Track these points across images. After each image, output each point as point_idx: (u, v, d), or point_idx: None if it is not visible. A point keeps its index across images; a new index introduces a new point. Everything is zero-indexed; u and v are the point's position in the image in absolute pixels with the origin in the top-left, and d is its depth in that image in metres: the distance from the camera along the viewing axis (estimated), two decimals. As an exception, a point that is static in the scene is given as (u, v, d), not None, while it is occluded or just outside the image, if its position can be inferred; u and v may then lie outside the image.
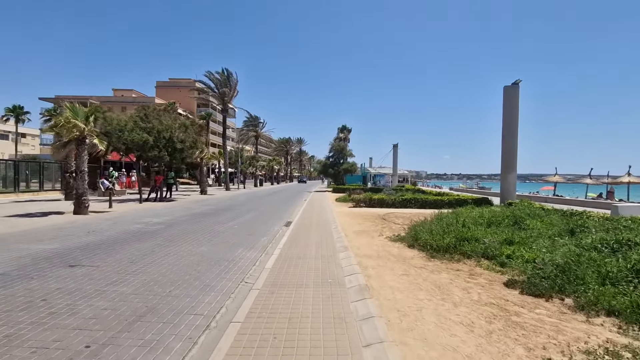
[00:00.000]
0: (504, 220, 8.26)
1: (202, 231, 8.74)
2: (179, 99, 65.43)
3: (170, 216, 11.51)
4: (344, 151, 37.21)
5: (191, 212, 12.89)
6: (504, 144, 16.27)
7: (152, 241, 7.25)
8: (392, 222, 10.59)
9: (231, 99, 29.98)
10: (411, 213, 13.12)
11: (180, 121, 18.46)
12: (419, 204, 15.72)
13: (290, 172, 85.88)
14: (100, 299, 3.91)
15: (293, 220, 11.52)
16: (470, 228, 7.13)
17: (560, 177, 25.98)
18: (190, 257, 6.03)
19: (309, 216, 12.49)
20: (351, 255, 6.12)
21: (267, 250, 6.85)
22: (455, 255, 6.05)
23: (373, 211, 14.09)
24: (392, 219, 11.27)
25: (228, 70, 28.95)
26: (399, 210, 14.73)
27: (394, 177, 40.51)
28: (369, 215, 12.63)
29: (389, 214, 12.60)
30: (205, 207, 15.14)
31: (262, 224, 10.59)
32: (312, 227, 9.84)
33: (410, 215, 12.06)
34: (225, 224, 10.14)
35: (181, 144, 16.97)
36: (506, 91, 16.46)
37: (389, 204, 15.78)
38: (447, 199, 15.72)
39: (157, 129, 16.71)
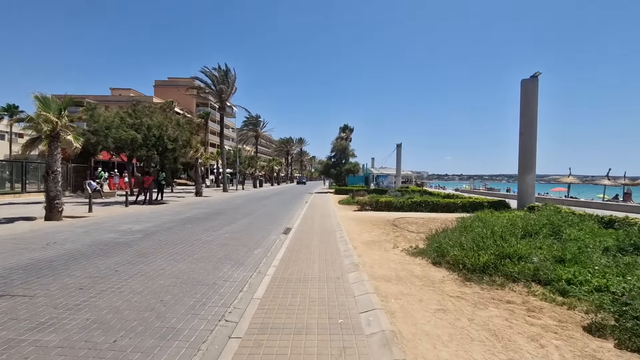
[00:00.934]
0: (541, 229, 6.98)
1: (186, 241, 7.48)
2: (178, 99, 64.28)
3: (154, 222, 10.25)
4: (346, 151, 35.95)
5: (179, 217, 11.64)
6: (522, 141, 15.00)
7: (120, 256, 5.99)
8: (405, 230, 9.31)
9: (229, 96, 28.75)
10: (423, 218, 11.84)
11: (173, 118, 17.24)
12: (429, 207, 14.44)
13: (291, 173, 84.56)
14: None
15: (293, 226, 10.27)
16: (508, 241, 5.85)
17: (574, 177, 24.66)
18: (161, 279, 4.77)
19: (311, 222, 11.23)
20: (364, 277, 4.85)
21: (259, 268, 5.59)
22: (496, 277, 4.78)
23: (380, 215, 12.81)
24: (404, 226, 9.99)
25: (226, 66, 27.77)
26: (409, 214, 13.44)
27: (397, 177, 39.25)
28: (376, 220, 11.36)
29: (399, 219, 11.32)
30: (196, 210, 13.89)
31: (257, 231, 9.33)
32: (314, 235, 8.58)
33: (423, 221, 10.78)
34: (214, 232, 8.88)
35: (173, 143, 15.74)
36: (524, 85, 15.19)
37: (397, 207, 14.50)
38: (461, 201, 14.44)
39: (146, 125, 15.50)
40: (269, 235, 8.80)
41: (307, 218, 12.22)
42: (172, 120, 16.73)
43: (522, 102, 15.24)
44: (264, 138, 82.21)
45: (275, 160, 56.92)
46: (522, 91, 15.25)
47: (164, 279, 4.80)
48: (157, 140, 15.24)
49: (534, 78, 14.96)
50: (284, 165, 68.44)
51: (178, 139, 16.00)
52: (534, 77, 14.96)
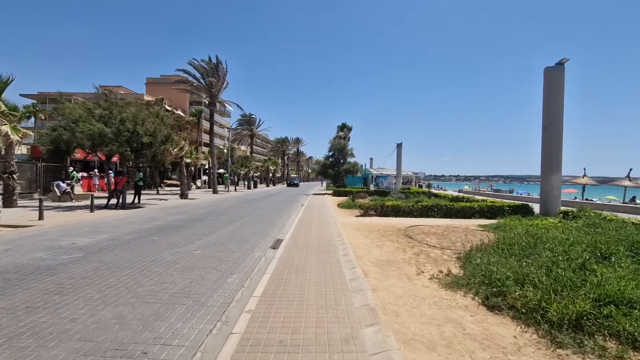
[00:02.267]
0: (617, 248, 5.15)
1: (138, 264, 5.58)
2: (170, 97, 62.06)
3: (112, 233, 8.32)
4: (344, 150, 34.11)
5: (148, 226, 9.71)
6: (545, 136, 13.22)
7: (21, 294, 4.08)
8: (423, 243, 7.46)
9: (220, 91, 26.78)
10: (440, 226, 10.01)
11: (152, 110, 15.29)
12: (442, 212, 12.62)
13: (288, 174, 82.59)
14: None
15: (285, 237, 8.41)
16: (592, 270, 4.00)
17: (590, 178, 23.00)
18: (49, 350, 2.87)
19: (306, 230, 9.36)
20: (391, 342, 2.99)
21: (227, 312, 3.72)
22: (602, 339, 2.94)
23: (388, 223, 10.96)
24: (420, 237, 8.15)
25: (217, 59, 25.78)
26: (421, 221, 11.60)
27: (397, 178, 37.43)
28: (385, 228, 9.51)
29: (411, 228, 9.48)
30: (174, 216, 11.96)
31: (239, 244, 7.45)
32: (310, 251, 6.71)
33: (441, 231, 8.94)
34: (184, 247, 6.98)
35: (149, 138, 13.77)
36: (548, 74, 13.43)
37: (406, 212, 12.66)
38: (478, 206, 12.64)
39: (118, 118, 13.55)
40: (253, 250, 6.92)
41: (303, 225, 10.34)
42: (150, 112, 14.77)
43: (545, 92, 13.48)
44: (259, 138, 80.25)
45: (270, 160, 54.95)
46: (545, 81, 13.48)
47: (53, 351, 2.90)
48: (131, 134, 13.29)
49: (560, 65, 13.20)
50: (279, 166, 66.36)
51: (156, 133, 14.06)
52: (559, 64, 13.20)
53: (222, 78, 26.49)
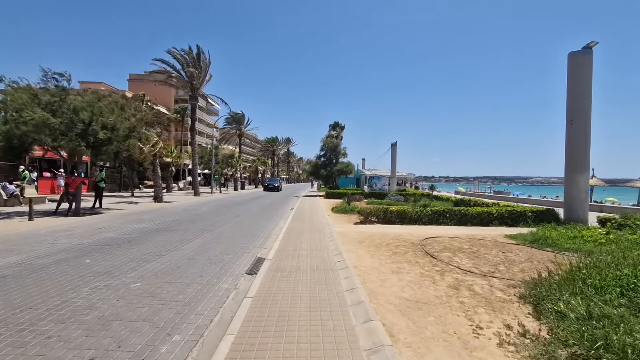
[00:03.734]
0: None
1: (20, 316, 3.48)
2: (154, 93, 59.23)
3: (29, 253, 6.13)
4: (337, 149, 32.16)
5: (90, 241, 7.54)
6: (570, 131, 11.55)
7: None
8: (452, 265, 5.53)
9: (202, 83, 24.50)
10: (461, 238, 8.15)
11: (112, 99, 13.04)
12: (455, 218, 10.78)
13: (278, 174, 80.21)
14: None
15: (267, 254, 6.41)
16: None
17: (598, 180, 21.65)
18: None
19: (296, 245, 7.35)
20: None
21: None
22: None
23: (395, 232, 9.04)
24: (444, 254, 6.23)
25: (198, 48, 23.51)
26: (433, 230, 9.74)
27: (392, 179, 35.71)
28: (394, 240, 7.57)
29: (429, 241, 7.57)
30: (134, 225, 9.77)
31: (203, 269, 5.40)
32: (302, 285, 4.70)
33: (467, 244, 7.07)
34: (119, 276, 4.89)
35: (107, 132, 11.52)
36: (574, 60, 11.76)
37: (414, 218, 10.77)
38: (496, 211, 10.84)
39: (71, 107, 11.28)
40: (221, 279, 4.90)
41: (291, 237, 8.32)
42: (110, 101, 12.52)
43: (570, 81, 11.82)
44: (248, 137, 77.77)
45: (259, 160, 52.67)
46: (570, 68, 11.83)
47: None
48: (86, 127, 11.04)
49: (587, 50, 11.55)
50: (269, 166, 64.01)
51: (117, 126, 11.81)
52: (587, 48, 11.56)
53: (205, 70, 24.23)
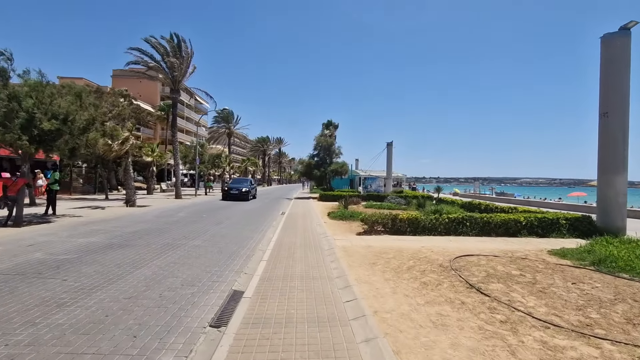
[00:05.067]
0: None
1: None
2: (140, 91, 56.71)
3: None
4: (331, 149, 30.35)
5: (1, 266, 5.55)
6: (605, 126, 9.96)
7: None
8: (514, 307, 3.76)
9: (185, 75, 22.38)
10: (496, 256, 6.43)
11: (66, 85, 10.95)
12: (477, 227, 9.08)
13: (269, 175, 77.96)
14: None
15: (247, 286, 4.55)
16: None
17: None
18: None
19: (287, 268, 5.49)
20: None
21: None
22: None
23: (412, 247, 7.29)
24: (494, 285, 4.48)
25: (179, 37, 21.39)
26: (454, 241, 8.02)
27: (388, 180, 34.11)
28: (415, 261, 5.81)
29: (460, 261, 5.81)
30: (81, 239, 7.76)
31: (147, 317, 3.49)
32: (295, 346, 2.85)
33: (515, 269, 5.33)
34: (-3, 342, 2.96)
35: (57, 123, 9.44)
36: (608, 43, 10.21)
37: (428, 228, 9.02)
38: (525, 219, 9.17)
39: (12, 93, 9.20)
40: (165, 345, 3.00)
41: (281, 256, 6.45)
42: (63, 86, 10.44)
43: (603, 68, 10.28)
44: (238, 137, 75.46)
45: (249, 160, 50.52)
46: (604, 53, 10.29)
47: None
48: (29, 116, 8.97)
49: (624, 31, 10.02)
50: (259, 167, 61.81)
51: (71, 117, 9.75)
52: (624, 29, 10.02)
53: (187, 60, 22.12)
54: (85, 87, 12.15)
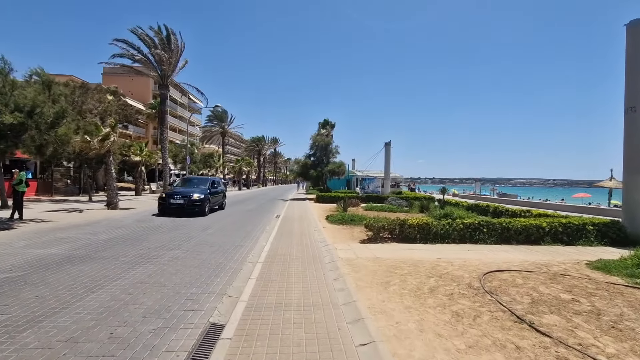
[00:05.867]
0: None
1: None
2: (131, 88, 55.23)
3: None
4: (328, 148, 29.29)
5: None
6: (631, 122, 9.01)
7: None
8: (590, 356, 2.74)
9: (174, 70, 21.20)
10: (527, 269, 5.43)
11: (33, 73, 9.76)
12: (496, 234, 8.09)
13: (264, 175, 76.71)
14: None
15: (231, 316, 3.45)
16: None
17: (618, 182, 19.62)
18: None
19: (280, 292, 4.42)
20: None
21: None
22: None
23: (425, 259, 6.29)
24: (544, 315, 3.47)
25: (167, 29, 20.22)
26: (474, 251, 7.03)
27: (386, 180, 33.19)
28: (436, 279, 4.80)
29: (491, 280, 4.79)
30: (40, 250, 6.61)
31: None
32: None
33: (563, 292, 4.33)
34: None
35: (20, 116, 8.27)
36: (635, 31, 9.35)
37: (441, 235, 8.01)
38: (547, 224, 8.20)
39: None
40: None
41: (273, 274, 5.38)
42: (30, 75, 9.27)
43: (630, 59, 9.37)
44: (232, 137, 74.17)
45: (244, 160, 49.29)
46: (630, 42, 9.38)
47: None
48: (-15, 108, 7.81)
49: (654, 17, 9.11)
50: (254, 167, 60.57)
51: (38, 109, 8.58)
52: (654, 15, 9.12)
53: (177, 54, 20.94)
54: (86, 91, 10.93)
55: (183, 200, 12.50)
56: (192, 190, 13.20)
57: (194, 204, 12.53)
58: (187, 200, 12.46)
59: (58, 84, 10.78)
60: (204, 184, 14.47)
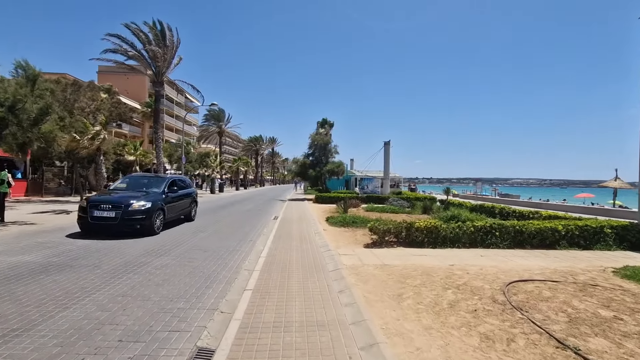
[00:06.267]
0: None
1: None
2: (127, 87, 54.44)
3: None
4: (327, 147, 28.76)
5: None
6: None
7: None
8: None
9: (169, 66, 20.58)
10: (551, 278, 4.94)
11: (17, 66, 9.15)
12: (509, 237, 7.60)
13: (262, 176, 76.07)
14: None
15: (221, 342, 2.90)
16: None
17: (623, 182, 19.23)
18: None
19: (279, 309, 3.89)
20: None
21: None
22: None
23: (438, 266, 5.79)
24: (589, 338, 2.96)
25: (162, 24, 19.64)
26: (487, 257, 6.54)
27: (385, 180, 32.69)
28: (454, 289, 4.30)
29: (516, 293, 4.28)
30: (13, 258, 6.03)
31: None
32: None
33: (602, 307, 3.82)
34: None
35: (1, 111, 7.68)
36: (653, 22, 8.90)
37: (451, 239, 7.51)
38: (563, 227, 7.71)
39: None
40: None
41: (271, 285, 4.84)
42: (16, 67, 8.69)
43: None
44: (229, 136, 73.53)
45: (241, 160, 48.67)
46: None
47: None
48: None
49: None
50: (252, 167, 59.93)
51: (19, 105, 8.00)
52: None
53: (172, 50, 20.34)
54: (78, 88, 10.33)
55: (114, 211, 8.02)
56: (132, 196, 8.77)
57: (132, 217, 8.14)
58: (122, 213, 8.04)
59: (45, 79, 10.15)
60: (158, 185, 9.92)
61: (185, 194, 11.13)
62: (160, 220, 8.94)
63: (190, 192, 11.79)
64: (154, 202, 8.80)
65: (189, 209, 11.44)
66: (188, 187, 11.88)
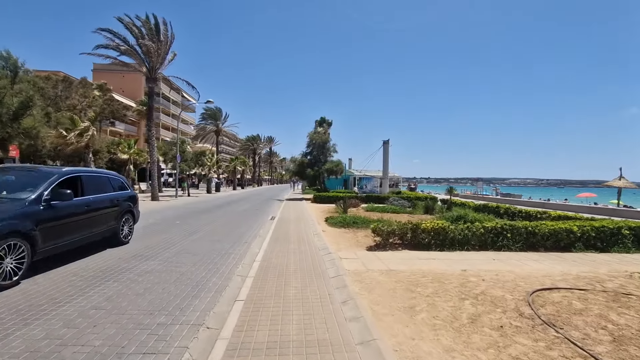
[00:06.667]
0: None
1: None
2: (122, 86, 53.70)
3: None
4: (326, 146, 28.24)
5: None
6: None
7: None
8: None
9: (163, 62, 19.96)
10: (578, 286, 4.46)
11: None
12: (521, 239, 7.12)
13: (259, 175, 75.41)
14: None
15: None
16: None
17: (627, 181, 18.85)
18: None
19: (274, 325, 3.38)
20: None
21: None
22: None
23: (448, 271, 5.32)
24: (625, 355, 2.47)
25: (156, 18, 19.07)
26: (500, 260, 6.06)
27: (384, 180, 32.25)
28: (471, 300, 3.81)
29: (543, 303, 3.79)
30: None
31: None
32: None
33: (636, 316, 3.33)
34: None
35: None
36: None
37: (460, 241, 7.02)
38: (578, 227, 7.25)
39: None
40: None
41: (266, 295, 4.31)
42: None
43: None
44: (227, 135, 72.86)
45: (238, 159, 48.06)
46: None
47: None
48: None
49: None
50: (249, 166, 59.30)
51: (-4, 96, 7.44)
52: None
53: (166, 45, 19.74)
54: (68, 85, 9.76)
55: None
56: None
57: None
58: None
59: (28, 70, 9.56)
60: (32, 185, 5.04)
61: (103, 201, 6.33)
62: (13, 261, 4.23)
63: (117, 197, 6.83)
64: (16, 214, 4.40)
65: (115, 224, 6.70)
66: (114, 188, 6.87)
